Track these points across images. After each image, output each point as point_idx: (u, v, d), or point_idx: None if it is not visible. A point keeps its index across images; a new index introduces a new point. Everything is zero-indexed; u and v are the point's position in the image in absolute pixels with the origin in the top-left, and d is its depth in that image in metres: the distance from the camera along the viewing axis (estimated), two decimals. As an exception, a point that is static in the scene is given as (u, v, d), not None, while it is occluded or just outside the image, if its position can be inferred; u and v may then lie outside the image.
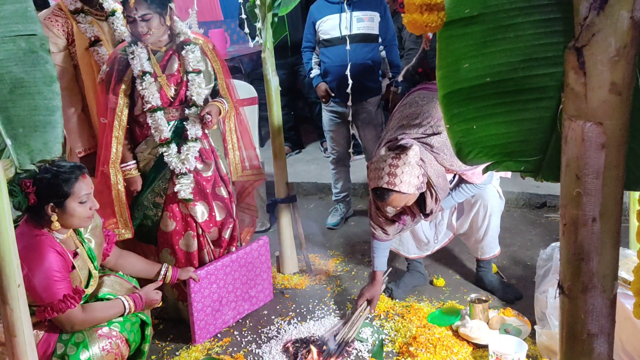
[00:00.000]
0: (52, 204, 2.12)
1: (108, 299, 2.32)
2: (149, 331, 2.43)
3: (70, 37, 2.83)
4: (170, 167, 2.75)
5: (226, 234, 2.96)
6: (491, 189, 2.88)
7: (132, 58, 2.67)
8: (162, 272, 2.64)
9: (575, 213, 0.83)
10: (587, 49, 0.77)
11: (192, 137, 2.76)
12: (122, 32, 2.93)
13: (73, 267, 2.20)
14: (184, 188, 2.77)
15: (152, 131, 2.73)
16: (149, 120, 2.72)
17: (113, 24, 2.94)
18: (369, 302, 2.92)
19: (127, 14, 2.60)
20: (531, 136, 0.96)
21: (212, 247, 2.93)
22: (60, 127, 1.76)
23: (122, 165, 2.76)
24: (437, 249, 3.12)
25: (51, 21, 2.78)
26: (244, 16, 3.34)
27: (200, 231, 2.86)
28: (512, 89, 0.92)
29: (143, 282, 2.63)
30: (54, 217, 2.14)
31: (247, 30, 3.58)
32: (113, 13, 2.94)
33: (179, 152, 2.75)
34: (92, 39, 2.84)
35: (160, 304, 2.48)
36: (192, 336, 2.79)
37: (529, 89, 0.92)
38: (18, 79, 1.67)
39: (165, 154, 2.74)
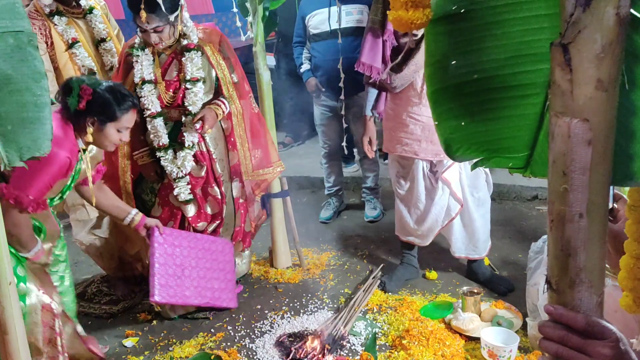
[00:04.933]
0: (96, 119, 2.20)
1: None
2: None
3: (49, 40, 2.78)
4: (167, 171, 2.81)
5: (210, 229, 3.00)
6: (482, 176, 2.90)
7: (136, 62, 2.72)
8: (132, 214, 2.63)
9: (562, 209, 0.83)
10: (573, 46, 0.77)
11: (188, 145, 2.80)
12: (101, 29, 2.89)
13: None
14: (183, 190, 2.82)
15: (151, 136, 2.78)
16: (148, 126, 2.77)
17: (91, 21, 2.89)
18: (370, 142, 3.05)
19: (138, 24, 2.62)
20: (519, 132, 0.96)
21: None
22: (49, 123, 1.75)
23: (135, 153, 2.83)
24: (448, 223, 2.99)
25: None
26: (235, 10, 3.32)
27: (186, 223, 2.93)
28: (500, 85, 0.92)
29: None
30: (90, 130, 2.20)
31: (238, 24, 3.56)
32: (90, 10, 2.88)
33: (174, 157, 2.79)
34: (70, 41, 2.79)
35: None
36: (151, 290, 2.66)
37: (517, 86, 0.91)
38: (6, 75, 1.66)
39: (162, 158, 2.79)
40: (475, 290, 2.85)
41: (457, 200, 2.90)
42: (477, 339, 2.57)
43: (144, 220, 2.66)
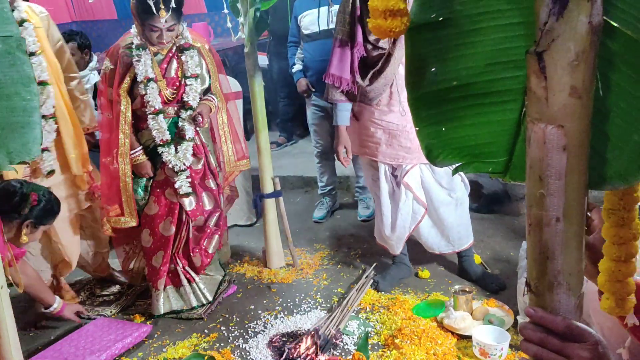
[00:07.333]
0: (32, 221, 2.51)
1: None
2: None
3: None
4: (169, 165, 2.88)
5: (211, 222, 3.08)
6: (457, 178, 2.93)
7: (138, 61, 2.78)
8: (55, 304, 2.82)
9: (539, 213, 0.85)
10: (548, 54, 0.78)
11: (189, 138, 2.89)
12: (30, 43, 2.75)
13: None
14: (184, 184, 2.91)
15: (154, 133, 2.85)
16: (151, 123, 2.84)
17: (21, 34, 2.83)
18: (347, 150, 2.96)
19: (151, 24, 2.69)
20: (497, 138, 0.97)
21: (191, 234, 3.04)
22: (38, 128, 1.76)
23: (130, 153, 2.89)
24: (415, 227, 3.05)
25: None
26: (226, 11, 3.33)
27: (184, 218, 3.00)
28: (478, 92, 0.93)
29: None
30: (25, 232, 2.42)
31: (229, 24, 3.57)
32: (22, 23, 2.75)
33: (176, 151, 2.88)
34: None
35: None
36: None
37: (494, 92, 0.93)
38: (-5, 80, 1.67)
39: (165, 153, 2.87)
40: (467, 289, 2.87)
41: (421, 204, 2.95)
42: (468, 338, 2.59)
43: (64, 308, 2.85)
